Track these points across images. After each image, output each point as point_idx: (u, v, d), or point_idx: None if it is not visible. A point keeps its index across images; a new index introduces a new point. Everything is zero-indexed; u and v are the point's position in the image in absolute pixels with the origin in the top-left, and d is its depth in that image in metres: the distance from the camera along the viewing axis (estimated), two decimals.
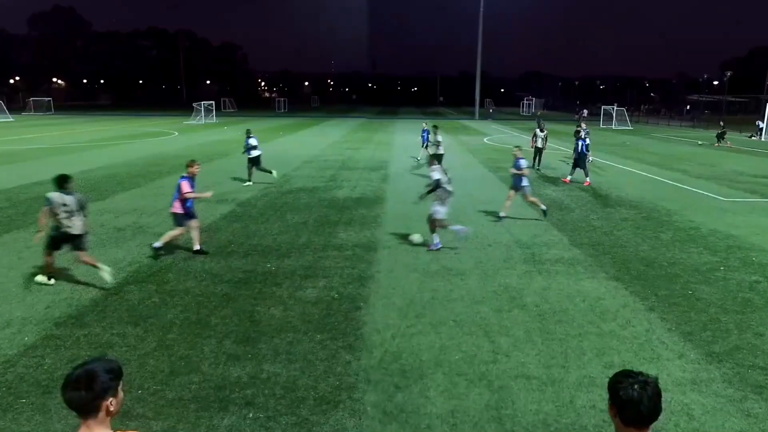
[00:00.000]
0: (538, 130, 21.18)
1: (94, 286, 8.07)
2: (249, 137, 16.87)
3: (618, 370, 2.37)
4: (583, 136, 18.13)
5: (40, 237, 7.84)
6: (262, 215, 12.83)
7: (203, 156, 24.43)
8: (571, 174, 18.52)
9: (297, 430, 4.76)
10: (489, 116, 68.93)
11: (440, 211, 9.86)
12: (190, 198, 9.43)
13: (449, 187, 9.95)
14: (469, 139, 36.77)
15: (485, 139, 37.17)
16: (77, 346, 6.23)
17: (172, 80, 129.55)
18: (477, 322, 7.00)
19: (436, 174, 9.85)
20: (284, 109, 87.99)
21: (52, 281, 8.17)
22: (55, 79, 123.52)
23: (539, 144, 21.12)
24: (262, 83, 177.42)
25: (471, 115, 72.41)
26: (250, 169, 17.17)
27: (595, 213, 13.57)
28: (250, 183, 17.11)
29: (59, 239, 7.82)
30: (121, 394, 2.34)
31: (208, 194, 10.01)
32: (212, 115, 57.65)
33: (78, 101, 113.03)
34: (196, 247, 9.67)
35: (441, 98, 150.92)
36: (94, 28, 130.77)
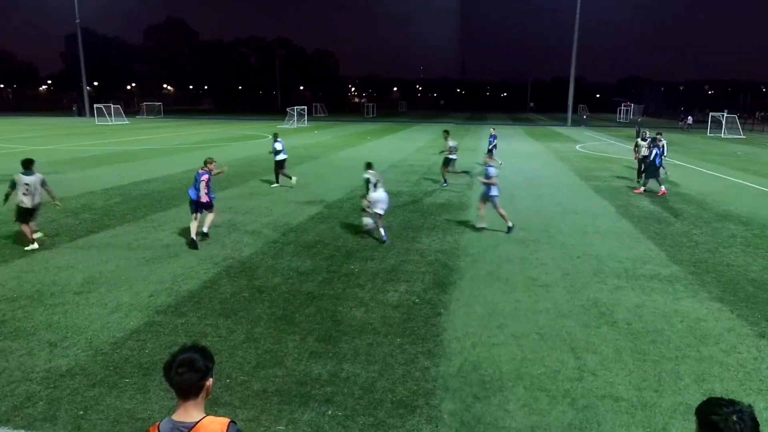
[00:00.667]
0: (639, 140, 19.56)
1: (191, 278, 8.63)
2: (276, 141, 17.12)
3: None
4: (660, 147, 17.28)
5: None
6: (347, 217, 13.13)
7: (294, 158, 25.42)
8: (644, 185, 17.57)
9: (374, 431, 4.81)
10: (582, 123, 66.10)
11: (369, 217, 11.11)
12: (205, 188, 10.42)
13: (379, 191, 10.95)
14: (560, 147, 35.48)
15: (577, 147, 35.69)
16: (175, 333, 6.68)
17: (268, 86, 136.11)
18: (562, 336, 6.72)
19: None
20: (372, 113, 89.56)
21: (36, 245, 10.04)
22: (165, 85, 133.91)
23: (644, 153, 18.95)
24: (352, 88, 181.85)
25: (563, 122, 69.82)
26: (276, 171, 17.43)
27: (698, 228, 12.59)
28: (277, 185, 17.33)
29: (21, 212, 9.95)
30: (212, 378, 2.50)
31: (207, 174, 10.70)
32: (304, 120, 59.87)
33: (184, 105, 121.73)
34: (205, 229, 10.78)
35: (531, 104, 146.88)
36: (201, 38, 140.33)
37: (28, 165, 10.17)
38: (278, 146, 17.11)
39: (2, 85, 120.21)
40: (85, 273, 8.83)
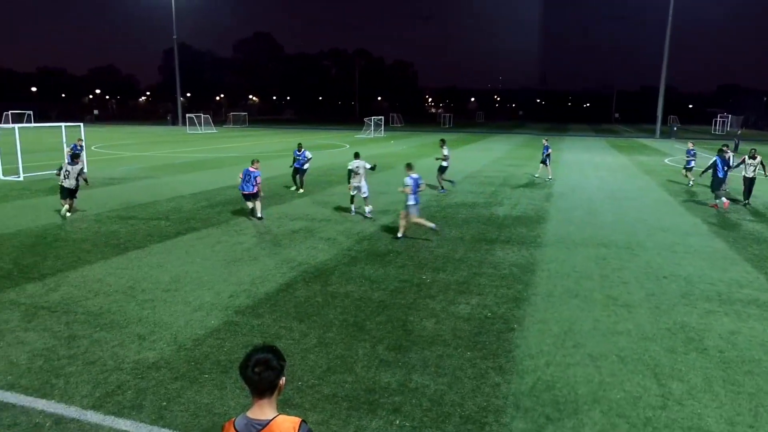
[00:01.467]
0: (747, 157, 17.58)
1: (269, 281, 8.96)
2: (299, 150, 18.34)
3: None
4: (726, 158, 16.27)
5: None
6: (420, 228, 13.12)
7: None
8: (716, 198, 16.43)
9: None
10: (672, 135, 62.34)
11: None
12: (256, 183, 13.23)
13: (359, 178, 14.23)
14: (646, 160, 33.66)
15: (666, 160, 33.71)
16: (251, 333, 6.95)
17: (347, 96, 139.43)
18: (644, 360, 6.34)
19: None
20: (449, 124, 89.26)
21: (69, 213, 13.64)
22: (250, 96, 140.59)
23: (749, 174, 17.03)
24: (429, 99, 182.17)
25: (650, 134, 66.23)
26: (294, 176, 18.61)
27: None
28: (302, 190, 18.34)
29: (62, 190, 13.69)
30: (284, 377, 2.58)
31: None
32: (381, 130, 60.68)
33: (267, 115, 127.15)
34: (259, 214, 13.56)
35: (616, 115, 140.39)
36: (285, 51, 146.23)
37: (74, 159, 14.70)
38: (297, 155, 18.53)
39: (107, 96, 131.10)
40: (173, 272, 9.39)
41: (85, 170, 14.67)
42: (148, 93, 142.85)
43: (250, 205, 13.69)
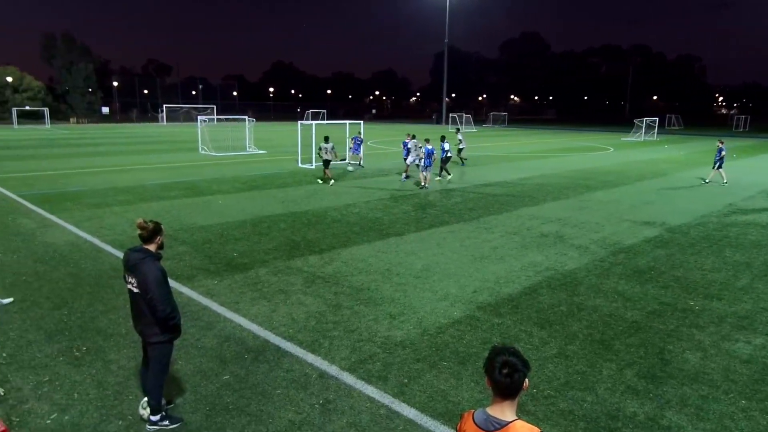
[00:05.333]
0: None
1: (513, 282, 8.90)
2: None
3: None
4: None
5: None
6: (693, 246, 11.41)
7: (636, 174, 23.44)
8: None
9: None
10: None
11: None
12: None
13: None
14: None
15: None
16: (490, 331, 7.02)
17: (616, 96, 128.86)
18: None
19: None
20: (743, 127, 75.21)
21: (332, 181, 18.95)
22: (512, 96, 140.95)
23: None
24: (720, 98, 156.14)
25: None
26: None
27: None
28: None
29: (325, 161, 19.19)
30: (527, 380, 2.57)
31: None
32: (653, 132, 54.52)
33: (527, 115, 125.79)
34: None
35: None
36: (552, 50, 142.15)
37: (326, 140, 19.63)
38: (446, 146, 21.03)
39: (384, 98, 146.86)
40: (424, 261, 10.06)
41: (335, 147, 19.89)
42: (418, 94, 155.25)
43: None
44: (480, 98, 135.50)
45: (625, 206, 15.84)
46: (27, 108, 68.61)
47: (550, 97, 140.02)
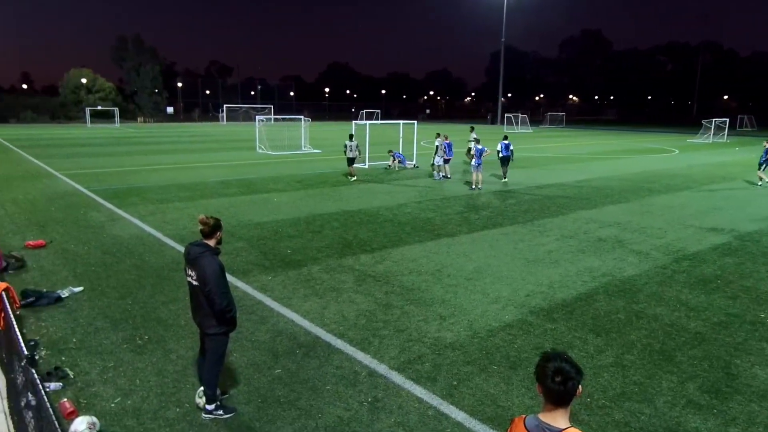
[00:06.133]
0: None
1: (567, 287, 8.66)
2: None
3: None
4: None
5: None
6: (765, 255, 10.74)
7: (703, 178, 22.28)
8: None
9: None
10: None
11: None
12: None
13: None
14: None
15: None
16: (543, 336, 6.86)
17: (683, 96, 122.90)
18: None
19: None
20: None
21: (354, 178, 19.75)
22: (570, 96, 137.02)
23: None
24: None
25: None
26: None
27: None
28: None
29: (348, 159, 20.02)
30: (580, 387, 2.50)
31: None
32: (723, 134, 51.66)
33: (586, 116, 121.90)
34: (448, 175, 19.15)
35: None
36: (614, 48, 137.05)
37: (351, 137, 20.36)
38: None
39: (438, 97, 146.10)
40: (476, 262, 9.94)
41: (359, 146, 20.75)
42: (473, 93, 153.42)
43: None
44: (537, 98, 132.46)
45: (690, 211, 15.10)
46: (99, 108, 72.71)
47: (611, 97, 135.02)
